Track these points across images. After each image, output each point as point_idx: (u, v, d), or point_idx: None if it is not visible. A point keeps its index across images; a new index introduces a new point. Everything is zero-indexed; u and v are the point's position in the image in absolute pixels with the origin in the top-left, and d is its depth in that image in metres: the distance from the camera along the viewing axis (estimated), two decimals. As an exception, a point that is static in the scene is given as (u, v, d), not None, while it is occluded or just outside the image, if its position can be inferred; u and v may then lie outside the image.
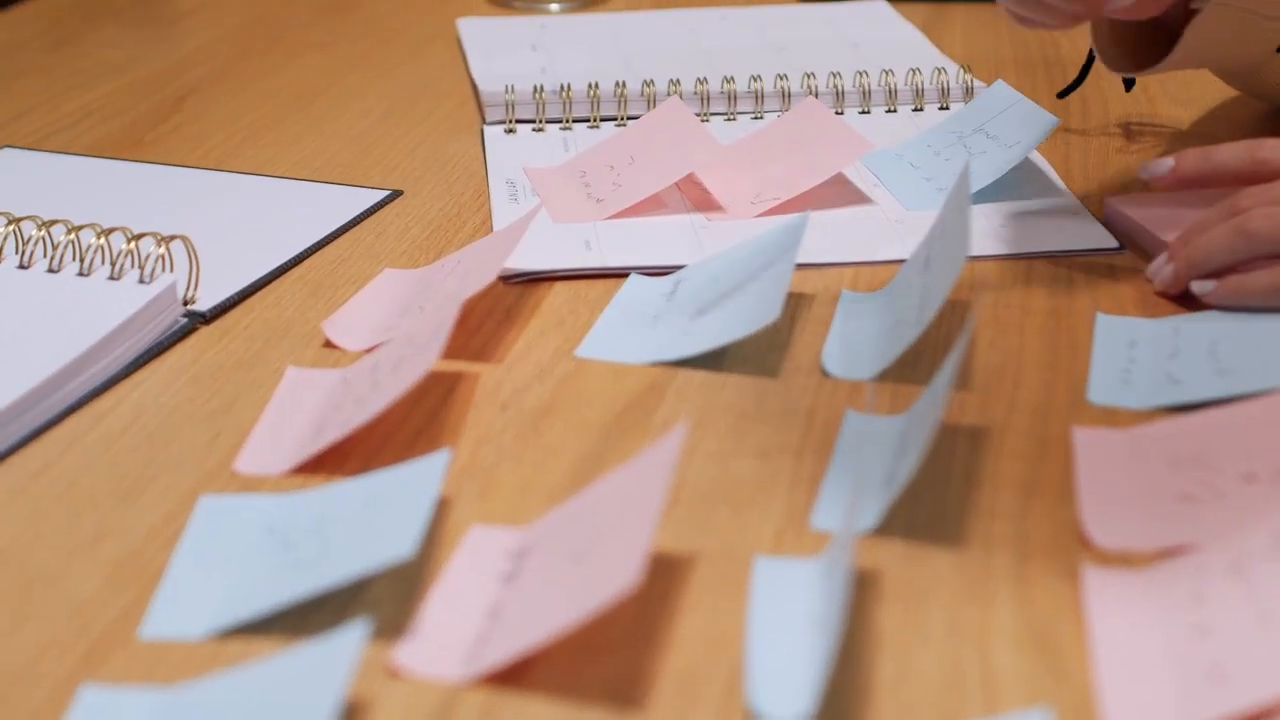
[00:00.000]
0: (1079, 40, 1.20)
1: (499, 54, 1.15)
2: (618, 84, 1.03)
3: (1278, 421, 0.65)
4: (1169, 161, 0.82)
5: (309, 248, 0.86)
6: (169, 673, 0.54)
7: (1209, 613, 0.54)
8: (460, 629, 0.55)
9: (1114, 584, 0.57)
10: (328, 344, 0.76)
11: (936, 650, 0.54)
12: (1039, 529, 0.61)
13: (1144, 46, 0.91)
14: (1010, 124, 0.93)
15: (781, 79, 1.05)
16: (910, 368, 0.72)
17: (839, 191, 0.91)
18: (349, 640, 0.51)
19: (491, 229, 0.88)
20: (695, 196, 0.91)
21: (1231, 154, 0.79)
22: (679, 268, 0.81)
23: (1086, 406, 0.69)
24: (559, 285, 0.82)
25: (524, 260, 0.82)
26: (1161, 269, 0.78)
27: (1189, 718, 0.51)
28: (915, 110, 1.05)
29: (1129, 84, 1.02)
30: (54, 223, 0.81)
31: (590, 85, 1.03)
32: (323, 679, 0.50)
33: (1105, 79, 1.07)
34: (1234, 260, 0.75)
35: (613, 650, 0.55)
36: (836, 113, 1.04)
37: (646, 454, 0.58)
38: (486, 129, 1.03)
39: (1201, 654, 0.53)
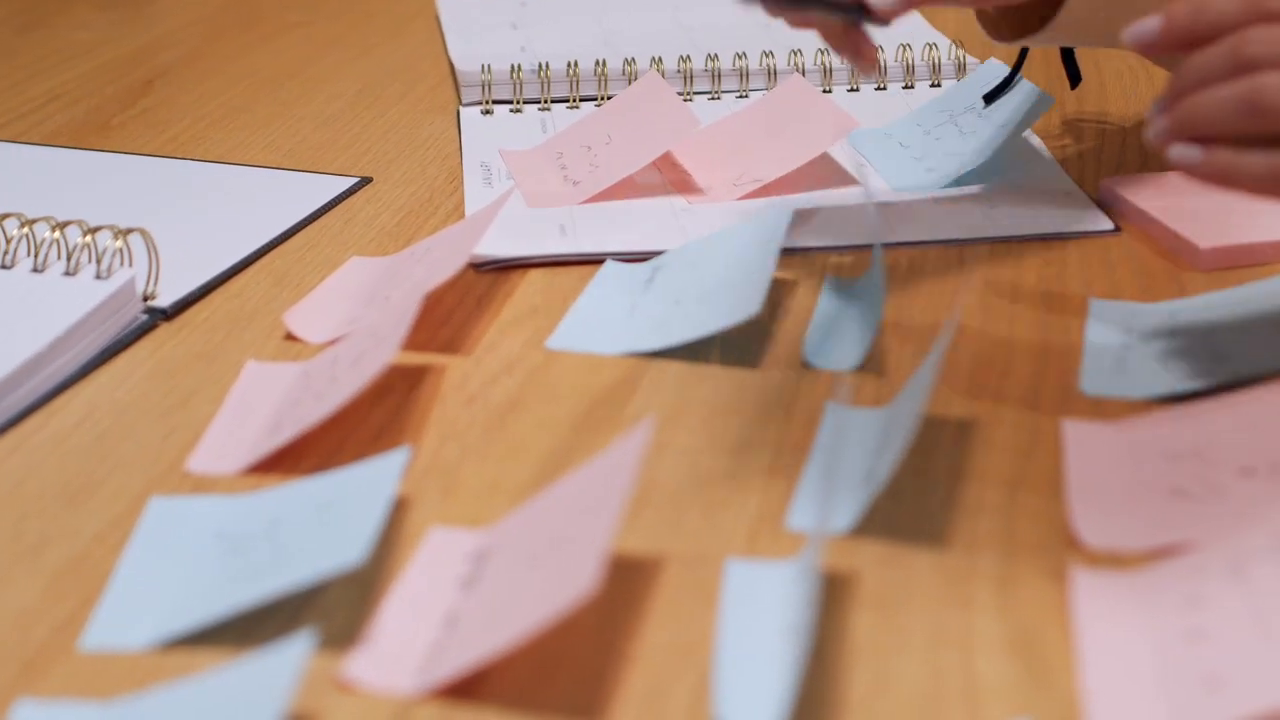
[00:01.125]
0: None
1: (478, 33, 1.12)
2: (598, 63, 1.00)
3: (1278, 414, 0.62)
4: (1156, 20, 0.66)
5: (274, 238, 0.83)
6: (109, 686, 0.51)
7: (1205, 617, 0.51)
8: (415, 638, 0.53)
9: (1103, 586, 0.54)
10: (290, 336, 0.73)
11: (916, 657, 0.51)
12: (1026, 527, 0.58)
13: (1027, 16, 0.83)
14: (1004, 102, 0.90)
15: (767, 56, 1.02)
16: (896, 356, 0.69)
17: (824, 172, 0.88)
18: (292, 653, 0.48)
19: (464, 215, 0.86)
20: (675, 178, 0.88)
21: (1231, 6, 0.66)
22: (657, 253, 0.79)
23: (1078, 396, 0.66)
24: (533, 273, 0.79)
25: (497, 247, 0.79)
26: (1156, 119, 0.65)
27: (1181, 729, 0.48)
28: (906, 88, 1.02)
29: (1075, 81, 0.94)
30: (6, 216, 0.78)
31: (569, 64, 1.00)
32: (264, 693, 0.47)
33: (1101, 58, 1.04)
34: (1234, 132, 0.63)
35: (574, 661, 0.52)
36: (824, 91, 1.01)
37: (611, 450, 0.55)
38: (463, 110, 1.01)
39: (1196, 660, 0.50)
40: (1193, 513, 0.57)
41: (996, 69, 0.92)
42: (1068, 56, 0.93)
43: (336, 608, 0.54)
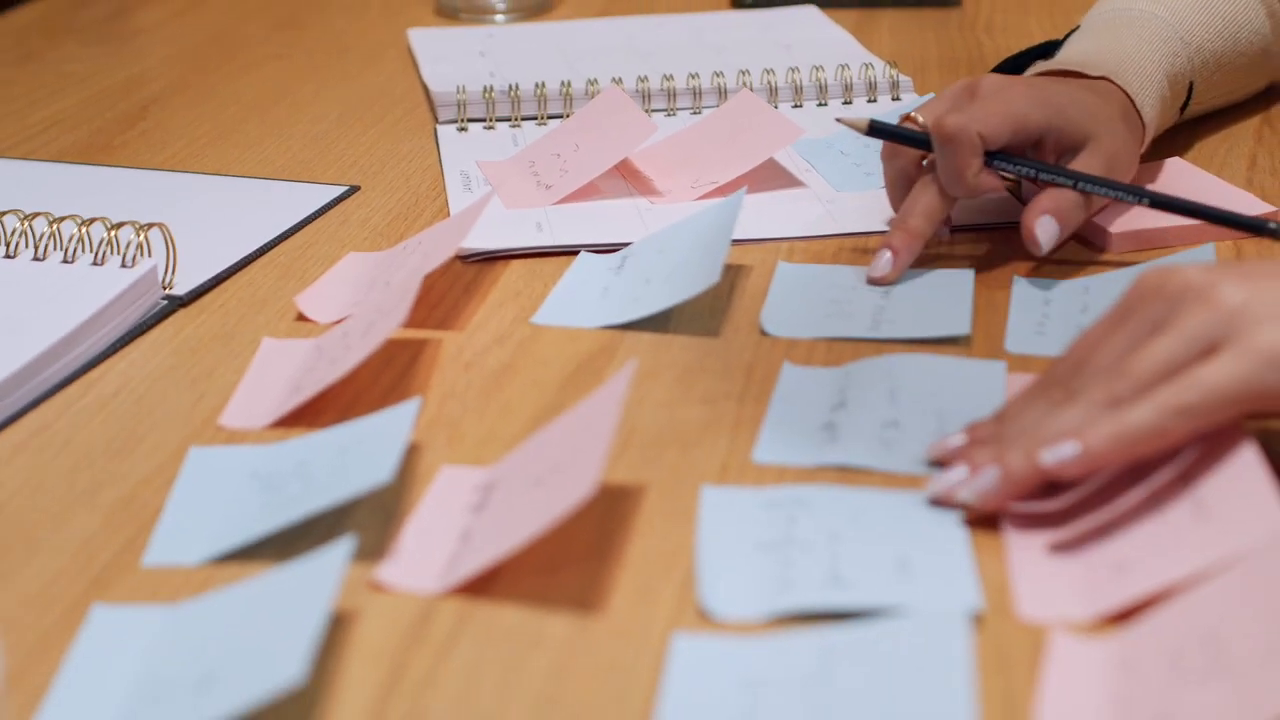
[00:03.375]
0: (1000, 40, 1.27)
1: (449, 60, 1.21)
2: (563, 83, 1.09)
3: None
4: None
5: (275, 237, 0.91)
6: (171, 593, 0.59)
7: (1113, 513, 0.60)
8: (435, 551, 0.61)
9: (1030, 507, 0.62)
10: (300, 317, 0.81)
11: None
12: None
13: None
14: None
15: (718, 76, 1.11)
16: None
17: (774, 175, 0.97)
18: (336, 554, 0.56)
19: (450, 215, 0.94)
20: (639, 184, 0.97)
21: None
22: (626, 245, 0.87)
23: (1004, 354, 0.75)
24: (515, 263, 0.87)
25: (480, 241, 0.88)
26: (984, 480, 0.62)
27: (1095, 604, 0.57)
28: (845, 104, 1.11)
29: None
30: (35, 215, 0.86)
31: (537, 85, 1.09)
32: (313, 589, 0.55)
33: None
34: None
35: (574, 565, 0.60)
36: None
37: (600, 390, 0.64)
38: (440, 128, 1.09)
39: (1107, 550, 0.59)
40: None
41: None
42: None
43: (363, 530, 0.62)
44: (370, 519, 0.63)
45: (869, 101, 1.11)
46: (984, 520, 0.62)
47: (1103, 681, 0.53)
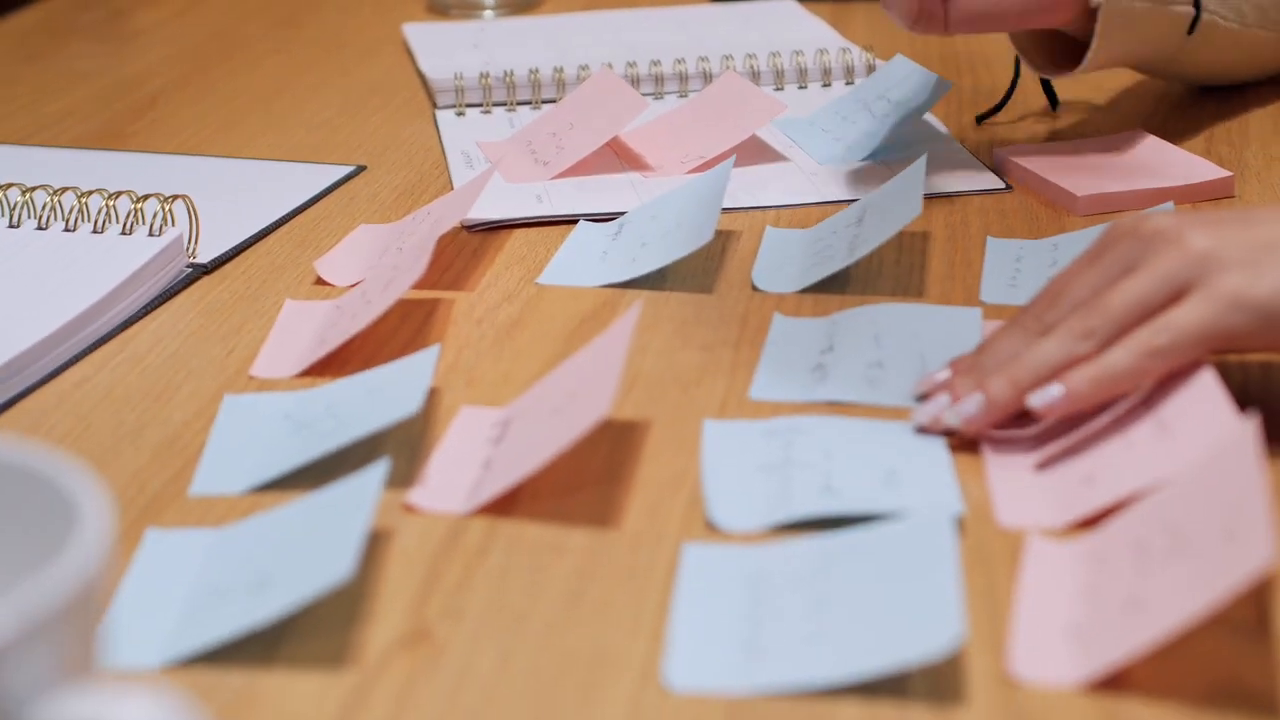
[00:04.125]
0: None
1: (444, 52, 1.26)
2: (556, 69, 1.15)
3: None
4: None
5: (289, 212, 0.96)
6: (217, 519, 0.64)
7: (1081, 434, 0.66)
8: (460, 478, 0.66)
9: (1011, 433, 0.68)
10: (319, 281, 0.87)
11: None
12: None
13: (1062, 51, 1.00)
14: (908, 89, 1.05)
15: (703, 61, 1.17)
16: (828, 280, 0.83)
17: (759, 150, 1.02)
18: (373, 476, 0.61)
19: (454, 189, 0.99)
20: (631, 160, 1.02)
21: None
22: (621, 214, 0.92)
23: (980, 304, 0.81)
24: (517, 232, 0.93)
25: (484, 211, 0.93)
26: (965, 406, 0.67)
27: (1068, 513, 0.62)
28: (824, 86, 1.17)
29: (1054, 103, 1.08)
30: (64, 190, 0.91)
31: (531, 71, 1.15)
32: (355, 501, 0.60)
33: (1000, 67, 1.20)
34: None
35: (589, 488, 0.65)
36: (753, 92, 1.16)
37: (607, 331, 0.69)
38: (439, 113, 1.14)
39: (1074, 466, 0.64)
40: None
41: (901, 63, 1.07)
42: (1046, 85, 1.07)
43: (392, 462, 0.67)
44: (397, 453, 0.68)
45: (846, 84, 1.17)
46: (965, 444, 0.67)
47: (1075, 574, 0.58)
